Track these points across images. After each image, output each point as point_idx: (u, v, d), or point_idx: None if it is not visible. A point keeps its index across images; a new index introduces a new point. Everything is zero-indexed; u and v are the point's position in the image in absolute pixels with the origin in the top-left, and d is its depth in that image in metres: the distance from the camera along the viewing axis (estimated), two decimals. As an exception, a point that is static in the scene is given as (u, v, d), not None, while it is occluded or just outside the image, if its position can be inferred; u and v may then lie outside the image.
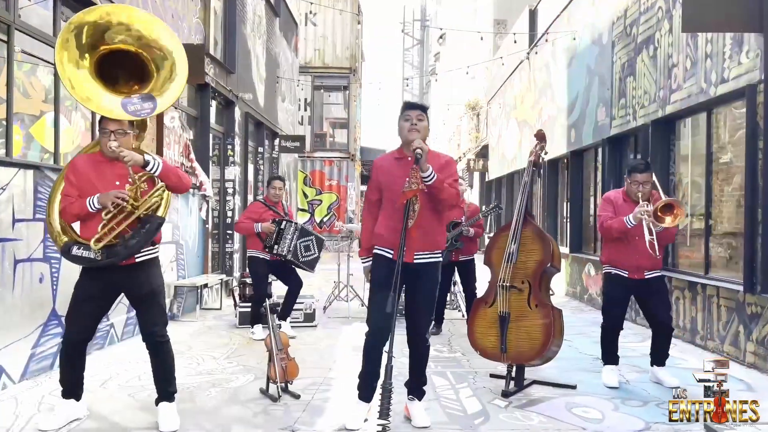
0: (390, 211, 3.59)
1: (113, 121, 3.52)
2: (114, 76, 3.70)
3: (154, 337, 3.65)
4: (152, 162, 3.51)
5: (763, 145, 4.92)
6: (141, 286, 3.60)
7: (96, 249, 3.41)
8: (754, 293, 5.06)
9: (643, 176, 4.47)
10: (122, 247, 3.46)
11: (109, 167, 3.56)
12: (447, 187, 3.50)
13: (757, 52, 5.06)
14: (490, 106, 17.64)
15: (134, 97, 3.62)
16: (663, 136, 6.93)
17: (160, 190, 3.57)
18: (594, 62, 9.13)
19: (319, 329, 7.06)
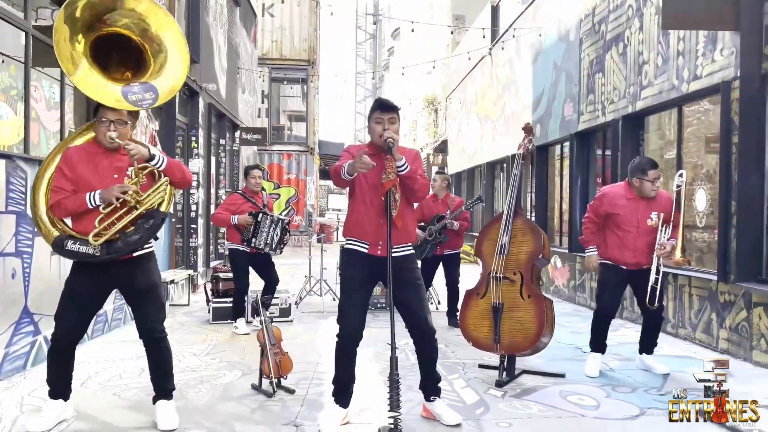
0: (364, 204, 3.52)
1: (112, 110, 3.37)
2: (105, 59, 3.54)
3: (153, 334, 3.52)
4: (158, 156, 3.39)
5: (737, 140, 5.12)
6: (139, 282, 3.46)
7: (95, 244, 3.25)
8: (727, 282, 5.27)
9: (655, 172, 4.53)
10: (123, 243, 3.32)
11: (107, 159, 3.40)
12: (419, 178, 3.49)
13: (732, 49, 5.25)
14: (450, 101, 17.77)
15: (134, 86, 3.47)
16: (633, 131, 7.13)
17: (164, 185, 3.44)
18: (561, 59, 9.30)
19: (295, 324, 6.98)
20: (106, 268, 3.38)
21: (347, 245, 3.64)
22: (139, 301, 3.50)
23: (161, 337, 3.55)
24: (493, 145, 13.17)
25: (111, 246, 3.29)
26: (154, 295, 3.51)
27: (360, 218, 3.54)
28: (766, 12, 4.92)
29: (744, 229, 5.06)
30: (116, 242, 3.31)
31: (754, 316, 4.95)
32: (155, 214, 3.39)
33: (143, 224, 3.36)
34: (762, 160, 5.02)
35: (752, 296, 4.97)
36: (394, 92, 36.17)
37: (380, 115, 3.47)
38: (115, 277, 3.44)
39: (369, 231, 3.51)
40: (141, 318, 3.52)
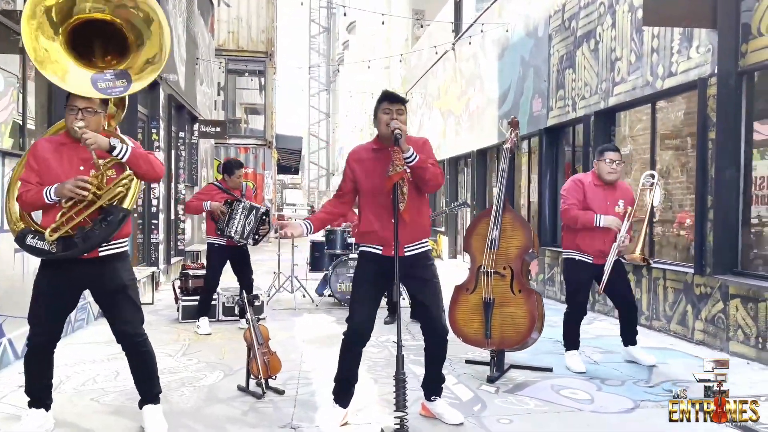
0: (374, 205, 3.41)
1: (81, 98, 3.13)
2: (90, 46, 3.31)
3: (129, 338, 3.30)
4: (119, 147, 3.12)
5: (715, 136, 5.23)
6: (106, 282, 3.23)
7: (51, 240, 3.03)
8: (703, 275, 5.39)
9: (615, 154, 4.61)
10: (80, 240, 3.08)
11: (74, 150, 3.17)
12: (430, 167, 3.38)
13: (708, 47, 5.36)
14: (411, 95, 17.75)
15: (107, 73, 3.24)
16: (605, 126, 7.23)
17: (127, 178, 3.21)
18: (529, 54, 9.37)
19: (269, 322, 6.78)
20: (70, 268, 3.15)
21: (361, 248, 3.54)
22: (110, 304, 3.27)
23: (140, 341, 3.34)
24: (457, 140, 13.21)
25: (67, 242, 3.07)
26: (125, 297, 3.27)
27: (369, 226, 3.43)
28: (743, 11, 5.03)
29: (721, 223, 5.19)
30: (73, 239, 3.08)
31: (731, 308, 5.08)
32: (113, 210, 3.14)
33: (101, 221, 3.12)
34: (738, 155, 5.15)
35: (729, 288, 5.09)
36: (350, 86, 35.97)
37: (388, 105, 3.36)
38: (82, 276, 3.21)
39: (380, 234, 3.39)
40: (114, 322, 3.29)
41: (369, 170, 3.41)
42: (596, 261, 4.63)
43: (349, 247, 7.92)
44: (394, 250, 3.23)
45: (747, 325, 4.90)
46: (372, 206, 3.42)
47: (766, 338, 4.72)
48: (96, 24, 3.28)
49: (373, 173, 3.38)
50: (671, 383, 4.30)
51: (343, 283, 7.76)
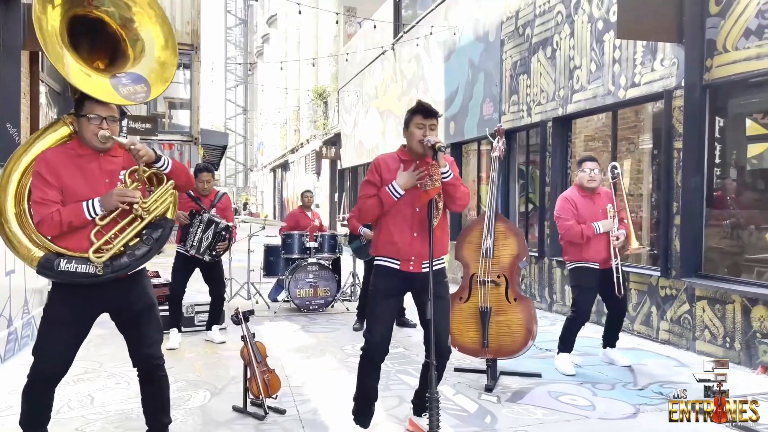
0: (396, 217, 3.32)
1: (103, 105, 2.85)
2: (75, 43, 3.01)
3: (152, 361, 3.05)
4: (164, 158, 2.95)
5: (681, 145, 5.50)
6: (136, 302, 2.98)
7: (99, 262, 2.77)
8: (668, 278, 5.67)
9: (593, 164, 4.83)
10: (130, 258, 2.84)
11: (94, 162, 2.88)
12: (462, 185, 3.37)
13: (673, 60, 5.63)
14: (347, 93, 17.61)
15: (122, 77, 2.98)
16: (562, 132, 7.45)
17: (170, 188, 2.99)
18: (479, 58, 9.50)
19: (230, 332, 6.53)
20: (98, 290, 2.88)
21: (377, 262, 3.43)
22: (137, 324, 3.02)
23: (160, 364, 3.10)
24: (398, 140, 13.18)
25: (116, 262, 2.82)
26: (151, 316, 3.05)
27: (390, 237, 3.33)
28: (707, 27, 5.31)
29: (687, 228, 5.46)
30: (121, 257, 2.84)
31: (697, 309, 5.36)
32: (164, 223, 2.94)
33: (151, 235, 2.90)
34: (702, 163, 5.44)
35: (695, 290, 5.38)
36: (270, 81, 35.24)
37: (422, 120, 3.27)
38: (106, 298, 2.94)
39: (400, 248, 3.31)
40: (138, 343, 3.04)
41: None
42: (602, 266, 4.79)
43: (308, 251, 7.74)
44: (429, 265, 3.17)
45: (714, 326, 5.20)
46: (395, 218, 3.33)
47: (733, 338, 5.02)
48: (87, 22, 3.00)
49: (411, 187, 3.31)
50: (658, 385, 4.49)
51: (303, 288, 7.58)
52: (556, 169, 7.46)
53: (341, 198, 18.87)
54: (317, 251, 7.79)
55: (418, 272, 3.33)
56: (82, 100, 2.90)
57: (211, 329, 6.02)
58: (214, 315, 6.04)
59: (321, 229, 8.56)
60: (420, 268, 3.33)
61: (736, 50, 5.06)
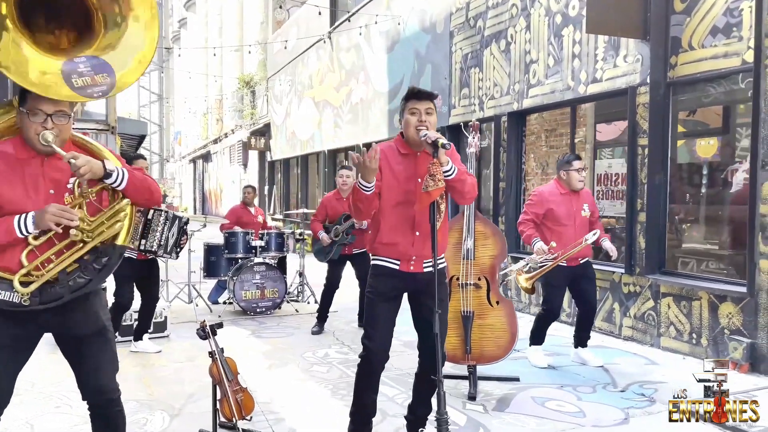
0: (395, 216, 3.04)
1: (49, 101, 2.31)
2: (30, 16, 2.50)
3: (104, 395, 2.55)
4: (117, 172, 2.40)
5: (647, 142, 5.49)
6: (82, 325, 2.48)
7: (24, 292, 2.27)
8: (632, 275, 5.68)
9: (581, 163, 4.80)
10: (64, 289, 2.34)
11: (36, 167, 2.36)
12: (468, 178, 3.11)
13: (637, 57, 5.61)
14: (278, 81, 16.99)
15: (79, 62, 2.43)
16: (516, 127, 7.36)
17: (125, 208, 2.49)
18: (425, 49, 9.29)
19: (174, 340, 6.03)
20: (35, 314, 2.39)
21: (375, 261, 3.13)
22: (83, 352, 2.51)
23: (116, 398, 2.62)
24: (337, 132, 12.86)
25: (46, 291, 2.32)
26: (103, 342, 2.54)
27: (389, 237, 3.04)
28: (672, 24, 5.31)
29: (651, 225, 5.47)
30: (54, 286, 2.33)
31: (662, 305, 5.39)
32: (111, 251, 2.43)
33: (93, 263, 2.39)
34: (666, 161, 5.46)
35: (660, 287, 5.40)
36: (189, 67, 33.72)
37: (416, 104, 2.98)
38: (46, 322, 2.43)
39: (400, 248, 3.04)
40: (87, 375, 2.53)
41: (395, 175, 3.03)
42: (569, 263, 4.75)
43: (253, 250, 7.28)
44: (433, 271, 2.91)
45: (680, 322, 5.23)
46: (393, 216, 3.04)
47: (700, 334, 5.06)
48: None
49: (398, 179, 3.02)
50: (638, 386, 4.44)
51: (249, 290, 7.13)
52: (511, 164, 7.37)
53: (271, 191, 18.26)
54: (263, 250, 7.35)
55: (419, 272, 3.08)
56: (25, 90, 2.33)
57: (141, 339, 5.49)
58: (146, 323, 5.51)
59: (265, 226, 8.10)
60: (421, 267, 3.09)
61: (702, 48, 5.08)
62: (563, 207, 4.74)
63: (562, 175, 4.80)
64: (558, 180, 4.84)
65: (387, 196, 3.03)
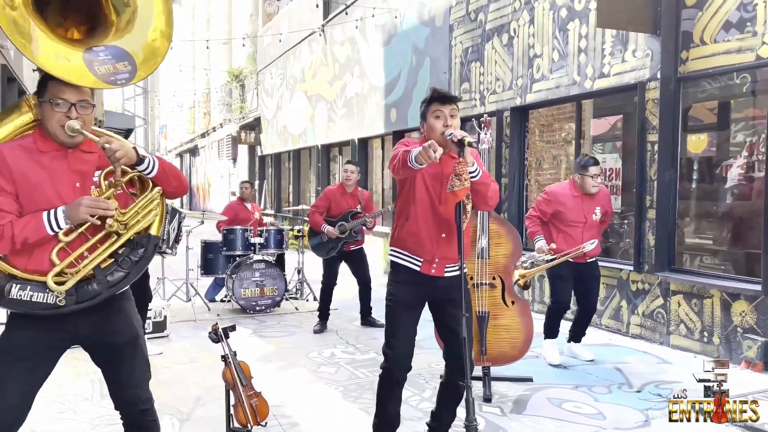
0: (423, 212, 2.95)
1: (72, 88, 2.23)
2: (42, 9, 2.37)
3: (139, 405, 2.46)
4: (148, 159, 2.34)
5: (657, 138, 5.43)
6: (117, 334, 2.38)
7: (60, 290, 2.16)
8: (641, 272, 5.62)
9: (596, 169, 4.71)
10: (102, 285, 2.24)
11: (61, 160, 2.26)
12: (492, 183, 3.02)
13: (647, 51, 5.53)
14: (269, 75, 16.76)
15: (99, 51, 2.35)
16: (519, 123, 7.28)
17: (157, 198, 2.40)
18: (424, 43, 9.17)
19: (175, 340, 5.89)
20: (63, 320, 2.27)
21: (395, 259, 3.01)
22: (117, 361, 2.41)
23: (149, 408, 2.51)
24: (330, 126, 12.70)
25: (82, 289, 2.22)
26: (136, 350, 2.44)
27: (416, 229, 2.93)
28: (683, 18, 5.24)
29: (661, 222, 5.42)
30: (90, 283, 2.23)
31: (672, 303, 5.34)
32: (146, 242, 2.34)
33: (129, 256, 2.30)
34: (676, 157, 5.40)
35: (670, 285, 5.35)
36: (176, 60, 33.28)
37: (440, 107, 2.86)
38: (75, 329, 2.32)
39: (426, 246, 2.92)
40: (120, 384, 2.44)
41: (426, 179, 2.92)
42: (576, 260, 4.70)
43: (251, 247, 7.14)
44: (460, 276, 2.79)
45: (691, 320, 5.18)
46: (421, 210, 2.94)
47: (712, 333, 5.02)
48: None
49: (431, 183, 2.91)
50: (654, 386, 4.38)
51: (248, 288, 6.99)
52: (513, 160, 7.29)
53: (262, 186, 18.06)
54: (262, 247, 7.21)
55: (440, 276, 2.97)
56: (44, 79, 2.26)
57: None
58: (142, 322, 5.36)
59: (262, 222, 7.96)
60: (442, 272, 2.98)
61: (714, 43, 5.01)
62: (573, 209, 4.70)
63: (576, 178, 4.73)
64: (572, 181, 4.77)
65: (418, 193, 2.93)
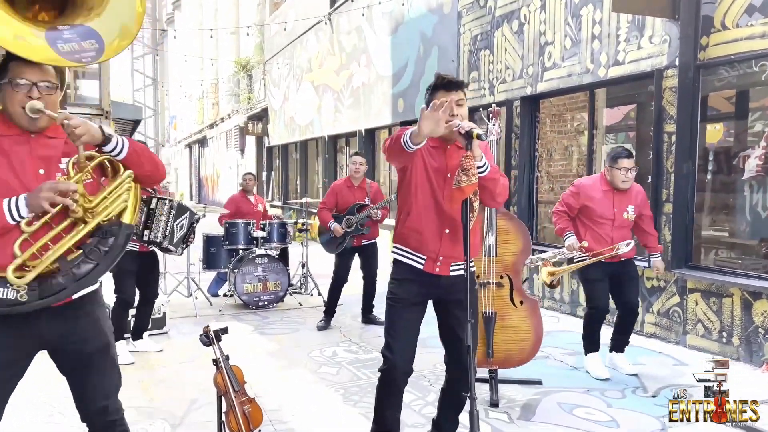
0: (425, 206, 2.75)
1: (34, 68, 2.09)
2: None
3: (106, 416, 2.29)
4: (115, 138, 2.16)
5: (675, 128, 5.18)
6: (85, 341, 2.20)
7: (20, 284, 1.99)
8: (656, 269, 5.38)
9: (629, 161, 4.31)
10: (67, 279, 2.06)
11: (23, 144, 2.10)
12: (501, 178, 2.80)
13: (664, 37, 5.27)
14: (275, 65, 16.55)
15: (64, 30, 2.19)
16: (530, 112, 7.03)
17: (127, 182, 2.22)
18: (432, 31, 8.92)
19: (175, 337, 5.74)
20: (27, 321, 2.09)
21: (397, 256, 2.82)
22: (85, 370, 2.23)
23: (118, 419, 2.35)
24: (337, 117, 12.49)
25: (46, 283, 2.03)
26: (105, 359, 2.26)
27: (418, 224, 2.74)
28: (703, 2, 4.97)
29: (678, 217, 5.17)
30: (54, 277, 2.05)
31: (689, 302, 5.10)
32: (116, 230, 2.15)
33: (97, 246, 2.11)
34: (694, 148, 5.14)
35: (687, 282, 5.11)
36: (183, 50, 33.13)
37: (445, 95, 2.65)
38: (40, 333, 2.15)
39: (429, 243, 2.72)
40: (88, 395, 2.26)
41: (430, 172, 2.72)
42: (608, 260, 4.37)
43: (254, 241, 6.96)
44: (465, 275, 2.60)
45: (709, 320, 4.95)
46: (423, 203, 2.74)
47: (731, 333, 4.78)
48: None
49: (435, 177, 2.72)
50: (670, 390, 4.16)
51: (251, 283, 6.83)
52: (524, 151, 7.05)
53: (269, 177, 17.89)
54: (265, 241, 7.04)
55: (445, 275, 2.77)
56: (6, 61, 2.11)
57: (141, 337, 5.19)
58: (145, 320, 5.22)
59: (266, 215, 7.78)
60: (447, 271, 2.77)
61: (737, 27, 4.74)
62: (602, 204, 4.34)
63: (605, 172, 4.38)
64: (603, 174, 4.42)
65: (419, 184, 2.74)
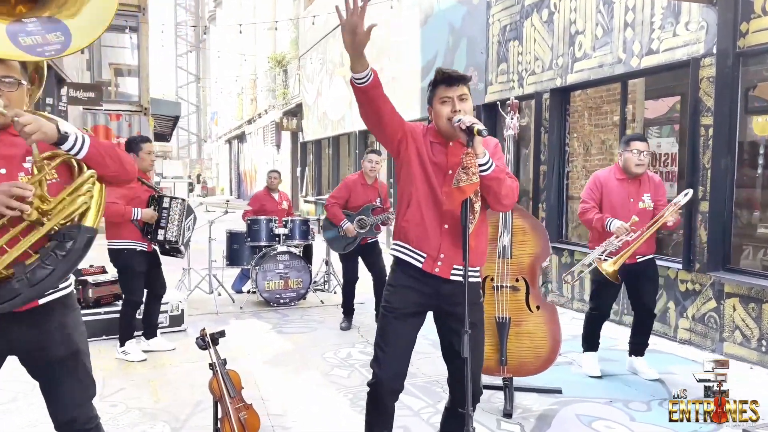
0: (421, 199, 2.54)
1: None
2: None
3: (76, 424, 2.21)
4: (73, 136, 2.04)
5: (712, 121, 4.84)
6: (53, 346, 2.11)
7: None
8: (691, 271, 5.06)
9: (643, 144, 4.13)
10: (22, 284, 1.95)
11: None
12: (507, 179, 2.57)
13: (701, 24, 4.93)
14: (309, 60, 16.51)
15: (29, 23, 2.08)
16: (560, 105, 6.73)
17: (89, 183, 2.11)
18: (461, 22, 8.67)
19: (192, 335, 5.67)
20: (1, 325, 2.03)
21: (397, 253, 2.62)
22: (56, 378, 2.15)
23: (93, 427, 2.25)
24: (368, 111, 12.33)
25: (2, 289, 1.94)
26: (76, 366, 2.17)
27: (419, 216, 2.53)
28: (743, -14, 4.62)
29: (715, 216, 4.84)
30: (9, 282, 1.96)
31: (726, 307, 4.77)
32: (75, 233, 2.04)
33: (55, 250, 2.00)
34: (733, 142, 4.80)
35: (724, 286, 4.78)
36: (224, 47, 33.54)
37: (446, 91, 2.46)
38: (10, 339, 2.07)
39: (430, 236, 2.51)
40: (60, 403, 2.18)
41: (426, 167, 2.53)
42: (627, 260, 4.13)
43: (276, 238, 6.88)
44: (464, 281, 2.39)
45: (747, 327, 4.61)
46: (419, 196, 2.54)
47: (772, 341, 4.45)
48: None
49: (437, 170, 2.52)
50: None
51: (272, 280, 6.75)
52: (553, 145, 6.76)
53: (304, 173, 17.89)
54: (287, 238, 6.94)
55: (445, 279, 2.53)
56: None
57: (155, 335, 5.14)
58: (156, 316, 5.16)
59: (290, 212, 7.69)
60: (448, 273, 2.53)
61: (780, 12, 4.39)
62: (617, 194, 4.16)
63: (618, 158, 4.22)
64: (617, 163, 4.26)
65: (419, 186, 2.53)
